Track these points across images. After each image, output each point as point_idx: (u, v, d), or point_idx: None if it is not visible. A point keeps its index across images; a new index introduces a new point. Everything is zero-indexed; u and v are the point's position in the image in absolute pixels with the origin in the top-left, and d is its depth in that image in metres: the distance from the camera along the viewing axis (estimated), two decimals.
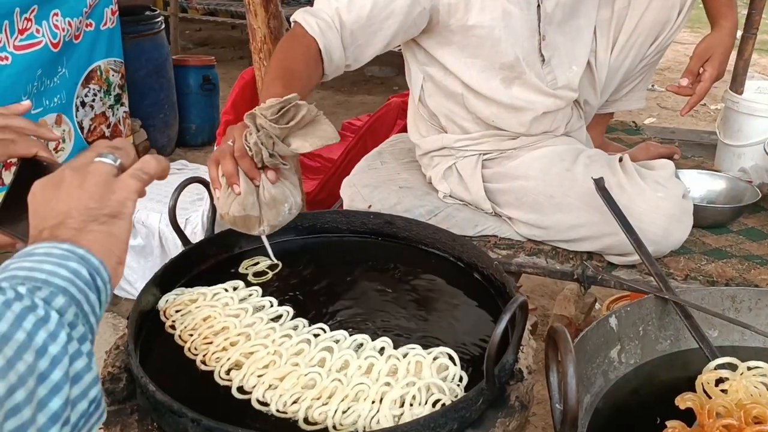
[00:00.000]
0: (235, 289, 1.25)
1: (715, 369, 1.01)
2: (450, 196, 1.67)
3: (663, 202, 1.45)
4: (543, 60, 1.59)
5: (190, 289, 1.23)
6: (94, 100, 3.51)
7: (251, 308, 1.19)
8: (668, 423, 0.91)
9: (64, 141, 3.38)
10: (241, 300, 1.22)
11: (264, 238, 1.30)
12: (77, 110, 3.43)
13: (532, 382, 1.13)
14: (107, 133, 3.60)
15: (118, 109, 3.67)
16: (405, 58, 1.66)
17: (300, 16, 1.43)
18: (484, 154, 1.64)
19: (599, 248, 1.54)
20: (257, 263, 1.34)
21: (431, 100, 1.66)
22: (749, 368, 1.00)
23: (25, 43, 3.09)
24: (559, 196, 1.53)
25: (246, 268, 1.33)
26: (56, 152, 3.34)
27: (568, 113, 1.68)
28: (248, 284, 1.27)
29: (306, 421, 0.99)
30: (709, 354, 1.17)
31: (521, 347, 1.15)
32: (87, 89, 3.46)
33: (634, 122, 2.38)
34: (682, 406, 0.93)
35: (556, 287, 2.93)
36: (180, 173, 3.03)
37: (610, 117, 2.03)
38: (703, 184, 1.81)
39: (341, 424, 0.99)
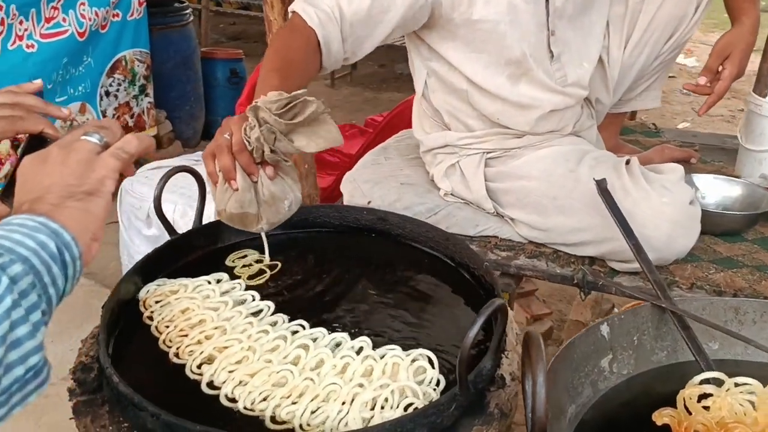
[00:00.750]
0: (218, 281, 1.23)
1: (701, 383, 0.95)
2: (451, 194, 1.62)
3: (668, 207, 1.39)
4: (552, 56, 1.53)
5: (172, 280, 1.21)
6: (118, 90, 3.54)
7: (231, 302, 1.17)
8: None
9: None
10: (223, 293, 1.19)
11: (263, 236, 1.27)
12: (101, 99, 3.46)
13: (515, 390, 1.08)
14: (130, 123, 3.62)
15: (142, 100, 3.69)
16: (409, 52, 1.62)
17: (299, 6, 1.39)
18: (488, 153, 1.59)
19: (601, 253, 1.48)
20: (245, 256, 1.31)
21: (435, 96, 1.61)
22: (737, 384, 0.94)
23: (51, 32, 3.12)
24: (562, 197, 1.47)
25: (233, 261, 1.30)
26: None
27: (577, 111, 1.62)
28: (233, 277, 1.25)
29: (273, 419, 0.96)
30: (705, 367, 1.10)
31: (506, 353, 1.11)
32: (112, 79, 3.48)
33: (654, 124, 2.30)
34: (658, 422, 0.88)
35: (574, 291, 2.87)
36: (197, 165, 3.03)
37: (624, 117, 1.96)
38: (719, 190, 1.73)
39: (309, 425, 0.95)
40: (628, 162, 1.47)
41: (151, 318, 1.14)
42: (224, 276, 1.24)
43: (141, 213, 2.70)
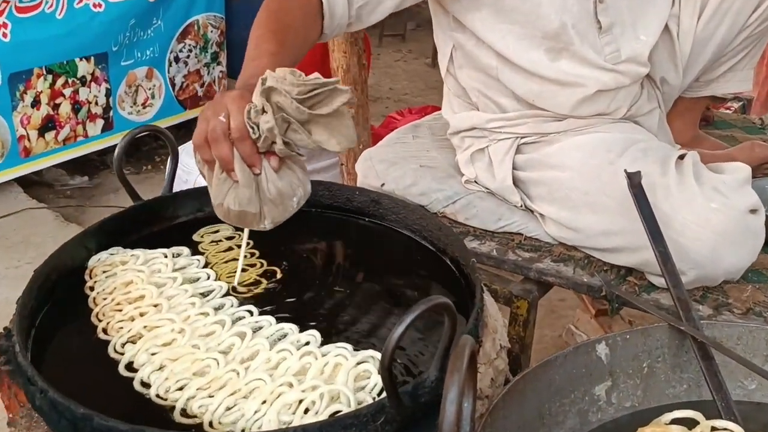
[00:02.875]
0: (176, 255, 1.21)
1: (672, 423, 0.84)
2: (475, 182, 1.53)
3: (716, 214, 1.24)
4: (600, 27, 1.41)
5: (126, 250, 1.21)
6: (188, 57, 3.63)
7: (181, 279, 1.15)
8: None
9: (153, 96, 3.52)
10: (177, 269, 1.18)
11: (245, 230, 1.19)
12: (170, 65, 3.56)
13: (481, 409, 1.00)
14: (200, 93, 3.71)
15: (214, 68, 3.77)
16: (433, 21, 1.54)
17: None
18: (522, 137, 1.49)
19: (636, 263, 1.35)
20: (217, 231, 1.29)
21: (461, 73, 1.53)
22: (714, 429, 0.82)
23: None
24: (594, 193, 1.35)
25: (202, 236, 1.28)
26: (144, 108, 3.50)
27: (633, 92, 1.48)
28: (196, 253, 1.23)
29: (183, 412, 0.93)
30: (722, 410, 0.98)
31: (480, 366, 1.03)
32: (182, 44, 3.57)
33: (761, 119, 2.09)
34: None
35: None
36: None
37: (704, 103, 1.78)
38: None
39: (220, 423, 0.92)
40: (683, 157, 1.33)
41: (92, 289, 1.14)
42: (184, 250, 1.22)
43: (188, 186, 2.77)
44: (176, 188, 2.86)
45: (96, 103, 3.29)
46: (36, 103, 3.07)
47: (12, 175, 3.11)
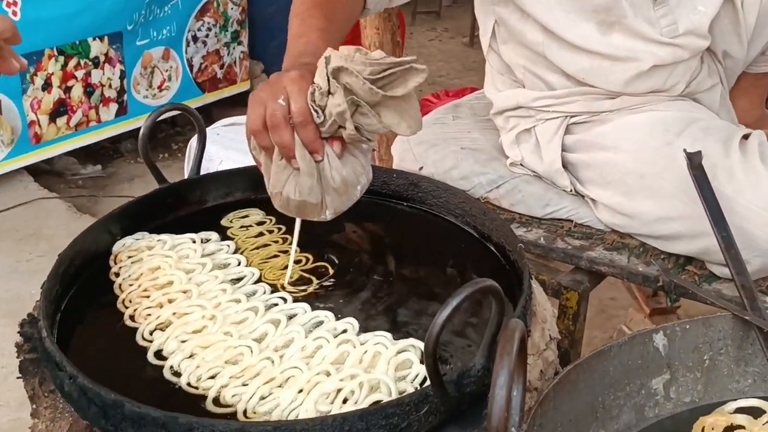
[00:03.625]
0: (205, 241, 1.25)
1: (736, 412, 0.86)
2: (520, 164, 1.56)
3: None
4: None
5: (151, 235, 1.25)
6: (207, 36, 3.68)
7: (211, 264, 1.19)
8: None
9: (170, 79, 3.59)
10: (206, 255, 1.22)
11: (297, 222, 1.19)
12: (188, 45, 3.62)
13: (530, 402, 1.03)
14: (219, 75, 3.77)
15: (234, 48, 3.82)
16: None
17: None
18: (572, 117, 1.51)
19: (696, 251, 1.37)
20: (246, 216, 1.33)
21: (505, 48, 1.55)
22: None
23: None
24: (651, 176, 1.37)
25: (230, 221, 1.32)
26: (160, 91, 3.56)
27: (692, 67, 1.49)
28: (225, 238, 1.27)
29: (216, 401, 0.97)
30: None
31: (528, 356, 1.06)
32: (201, 23, 3.63)
33: None
34: None
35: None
36: None
37: None
38: None
39: (254, 412, 0.95)
40: (747, 137, 1.35)
41: (118, 274, 1.18)
42: (213, 236, 1.26)
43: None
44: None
45: (110, 86, 3.36)
46: (47, 86, 3.14)
47: (22, 163, 3.19)
